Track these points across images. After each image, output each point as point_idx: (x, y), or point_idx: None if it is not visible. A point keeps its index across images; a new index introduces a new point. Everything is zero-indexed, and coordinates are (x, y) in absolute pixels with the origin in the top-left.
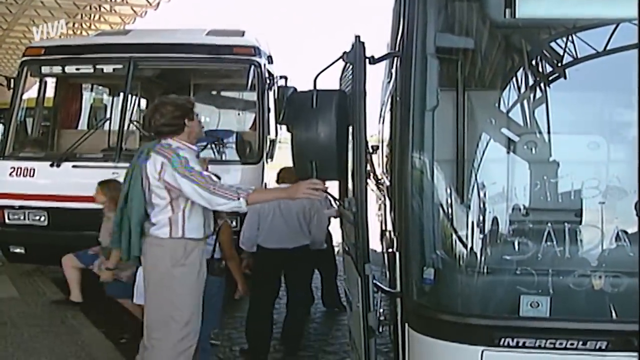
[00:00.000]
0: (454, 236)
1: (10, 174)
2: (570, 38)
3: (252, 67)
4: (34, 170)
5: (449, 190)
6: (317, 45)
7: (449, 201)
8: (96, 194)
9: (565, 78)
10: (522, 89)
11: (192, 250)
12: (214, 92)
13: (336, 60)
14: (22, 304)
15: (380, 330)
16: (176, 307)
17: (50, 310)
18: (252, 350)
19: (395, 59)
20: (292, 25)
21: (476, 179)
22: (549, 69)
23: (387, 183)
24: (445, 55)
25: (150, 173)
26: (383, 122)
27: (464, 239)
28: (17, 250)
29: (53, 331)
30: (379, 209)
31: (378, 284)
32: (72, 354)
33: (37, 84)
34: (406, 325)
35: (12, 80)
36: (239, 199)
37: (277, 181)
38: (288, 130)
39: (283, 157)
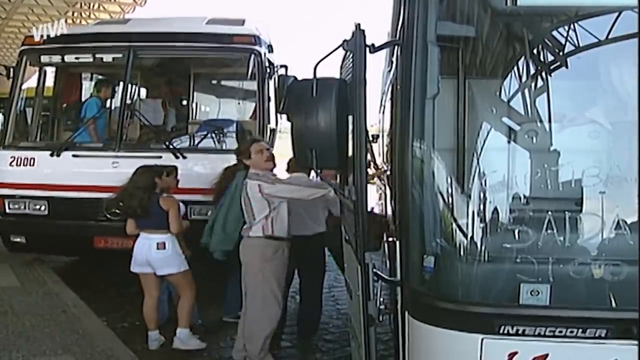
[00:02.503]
0: (454, 224)
1: (10, 164)
2: (571, 26)
3: (252, 56)
4: (34, 159)
5: (449, 179)
6: (317, 34)
7: (449, 190)
8: None
9: (566, 67)
10: (523, 78)
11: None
12: (214, 81)
13: (336, 49)
14: (23, 292)
15: (381, 319)
16: None
17: (51, 299)
18: None
19: (396, 47)
20: (293, 13)
21: (477, 167)
22: (550, 57)
23: (388, 172)
24: (446, 43)
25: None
26: (383, 111)
27: (464, 228)
28: (18, 240)
29: (54, 320)
30: (379, 198)
31: (378, 272)
32: (74, 342)
33: (37, 73)
34: (406, 313)
35: (11, 70)
36: None
37: (287, 170)
38: (288, 119)
39: (283, 146)
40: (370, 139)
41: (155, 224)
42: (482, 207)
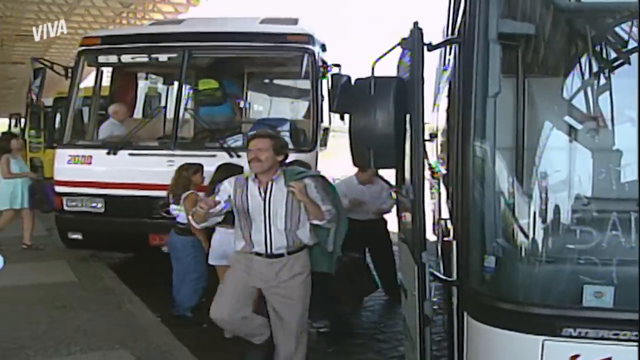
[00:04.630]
0: (515, 224)
1: (68, 162)
2: (635, 22)
3: (306, 55)
4: (91, 158)
5: (510, 178)
6: (368, 33)
7: (510, 189)
8: None
9: (629, 64)
10: (586, 76)
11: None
12: (267, 81)
13: (394, 47)
14: (80, 288)
15: (433, 319)
16: None
17: (107, 294)
18: None
19: (455, 45)
20: (346, 13)
21: (537, 166)
22: (613, 55)
23: (443, 171)
24: (507, 41)
25: None
26: (438, 110)
27: (525, 228)
28: (75, 236)
29: (110, 315)
30: (432, 198)
31: (434, 272)
32: (129, 337)
33: (94, 73)
34: (465, 313)
35: (69, 70)
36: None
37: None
38: (341, 118)
39: (336, 145)
40: (428, 137)
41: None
42: (543, 207)
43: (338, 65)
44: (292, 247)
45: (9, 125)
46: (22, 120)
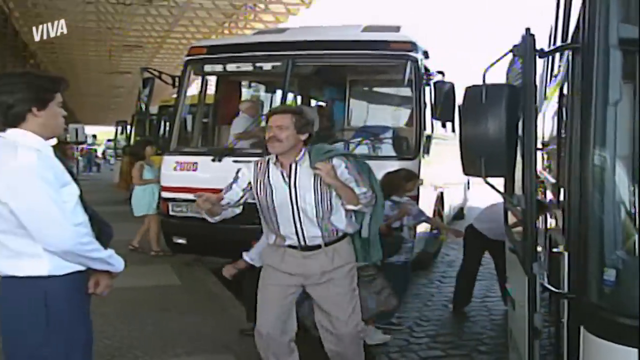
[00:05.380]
0: (638, 236)
1: (174, 169)
2: None
3: (409, 62)
4: (196, 164)
5: (630, 188)
6: (470, 40)
7: (631, 199)
8: None
9: None
10: None
11: None
12: (369, 88)
13: (506, 54)
14: (184, 291)
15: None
16: None
17: (210, 298)
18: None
19: (567, 51)
20: (448, 19)
21: None
22: None
23: (551, 180)
24: (626, 46)
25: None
26: (543, 118)
27: None
28: (180, 241)
29: (214, 319)
30: None
31: (545, 284)
32: (234, 342)
33: (200, 81)
34: (581, 328)
35: (176, 79)
36: None
37: None
38: (443, 125)
39: (439, 152)
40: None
41: None
42: None
43: (441, 73)
44: (329, 237)
45: (116, 133)
46: (128, 127)
